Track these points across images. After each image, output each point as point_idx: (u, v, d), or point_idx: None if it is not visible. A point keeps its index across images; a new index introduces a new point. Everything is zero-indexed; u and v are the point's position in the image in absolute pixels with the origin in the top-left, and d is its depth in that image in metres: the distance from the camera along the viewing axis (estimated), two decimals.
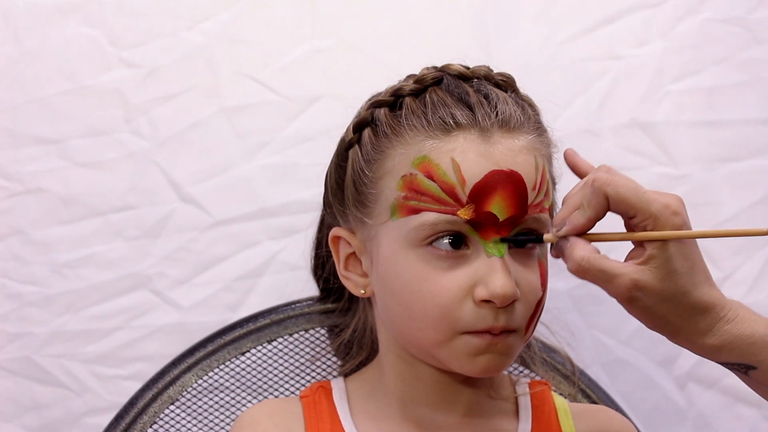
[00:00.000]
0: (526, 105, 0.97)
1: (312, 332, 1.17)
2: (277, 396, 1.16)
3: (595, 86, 1.32)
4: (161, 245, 1.28)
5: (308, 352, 1.17)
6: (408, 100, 0.95)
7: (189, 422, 1.14)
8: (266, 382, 1.16)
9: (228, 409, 1.15)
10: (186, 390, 1.14)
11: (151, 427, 1.12)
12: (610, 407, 1.13)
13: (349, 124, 1.00)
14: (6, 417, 1.26)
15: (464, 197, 0.89)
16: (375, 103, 0.97)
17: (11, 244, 1.27)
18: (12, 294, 1.27)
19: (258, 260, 1.29)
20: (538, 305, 0.93)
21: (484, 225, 0.89)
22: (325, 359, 1.16)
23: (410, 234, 0.91)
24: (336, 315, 1.14)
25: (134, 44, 1.28)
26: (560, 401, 1.05)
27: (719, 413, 1.31)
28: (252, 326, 1.16)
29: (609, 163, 0.89)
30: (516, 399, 1.03)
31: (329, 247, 1.02)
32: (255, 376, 1.16)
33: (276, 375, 1.16)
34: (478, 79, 0.96)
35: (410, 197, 0.91)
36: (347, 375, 1.07)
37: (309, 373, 1.16)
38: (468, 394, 0.99)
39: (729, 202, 1.32)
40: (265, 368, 1.16)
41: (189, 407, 1.14)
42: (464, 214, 0.89)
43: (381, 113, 0.96)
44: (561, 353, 1.17)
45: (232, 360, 1.15)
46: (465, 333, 0.90)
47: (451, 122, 0.91)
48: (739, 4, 1.32)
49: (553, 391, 1.07)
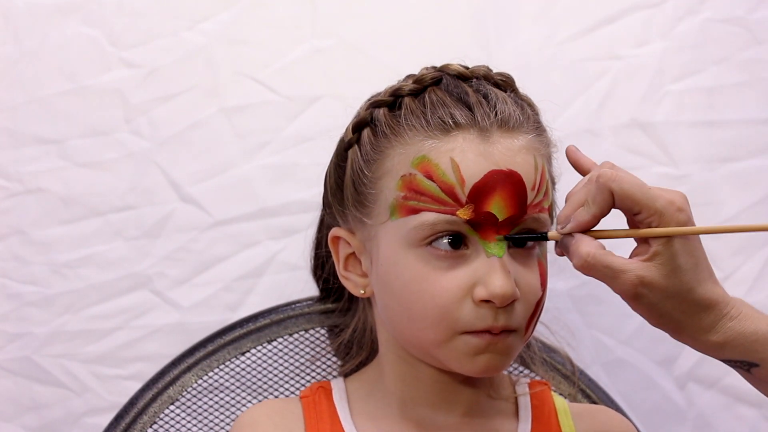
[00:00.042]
0: (526, 105, 0.96)
1: (312, 332, 1.17)
2: (277, 396, 1.16)
3: (595, 86, 1.32)
4: (161, 245, 1.28)
5: (308, 352, 1.17)
6: (407, 100, 0.95)
7: (189, 422, 1.14)
8: (266, 382, 1.16)
9: (228, 409, 1.15)
10: (186, 390, 1.14)
11: (151, 427, 1.12)
12: (610, 407, 1.13)
13: (349, 124, 1.00)
14: (6, 417, 1.26)
15: (463, 197, 0.89)
16: (374, 103, 0.97)
17: (11, 244, 1.27)
18: (12, 294, 1.27)
19: (258, 260, 1.29)
20: (538, 305, 0.93)
21: (484, 225, 0.89)
22: (325, 359, 1.16)
23: (410, 234, 0.91)
24: (336, 315, 1.14)
25: (134, 44, 1.28)
26: (560, 401, 1.05)
27: (719, 413, 1.31)
28: (252, 326, 1.16)
29: None
30: (516, 399, 1.03)
31: (329, 248, 1.02)
32: (255, 376, 1.16)
33: (276, 375, 1.16)
34: (478, 79, 0.96)
35: (409, 197, 0.91)
36: (347, 375, 1.07)
37: (309, 373, 1.16)
38: (468, 394, 0.99)
39: (729, 202, 1.32)
40: (265, 368, 1.16)
41: (189, 407, 1.14)
42: (463, 214, 0.89)
43: (380, 113, 0.96)
44: (561, 353, 1.17)
45: (232, 360, 1.15)
46: (464, 333, 0.90)
47: (450, 122, 0.91)
48: (739, 4, 1.32)
49: (553, 391, 1.07)
